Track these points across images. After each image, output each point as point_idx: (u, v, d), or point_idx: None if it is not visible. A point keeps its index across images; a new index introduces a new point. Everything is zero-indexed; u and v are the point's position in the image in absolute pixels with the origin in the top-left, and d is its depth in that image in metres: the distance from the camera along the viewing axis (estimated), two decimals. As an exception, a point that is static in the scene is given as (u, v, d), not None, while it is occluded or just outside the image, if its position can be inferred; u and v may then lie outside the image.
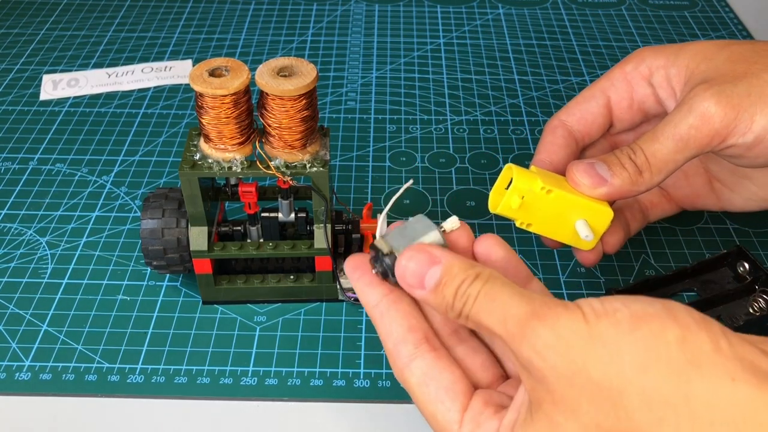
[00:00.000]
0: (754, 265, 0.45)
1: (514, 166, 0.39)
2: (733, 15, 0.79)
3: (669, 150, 0.37)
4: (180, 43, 0.74)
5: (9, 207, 0.54)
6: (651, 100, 0.42)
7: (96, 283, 0.48)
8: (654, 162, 0.38)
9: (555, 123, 0.43)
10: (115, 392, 0.41)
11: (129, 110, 0.64)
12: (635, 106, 0.43)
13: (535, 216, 0.40)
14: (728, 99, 0.36)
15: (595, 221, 0.40)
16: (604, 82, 0.43)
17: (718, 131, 0.37)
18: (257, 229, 0.45)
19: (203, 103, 0.39)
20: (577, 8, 0.81)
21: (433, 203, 0.54)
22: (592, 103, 0.43)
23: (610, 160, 0.39)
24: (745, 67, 0.38)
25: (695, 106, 0.37)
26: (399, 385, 0.42)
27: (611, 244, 0.42)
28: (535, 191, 0.38)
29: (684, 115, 0.37)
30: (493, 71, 0.70)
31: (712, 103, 0.36)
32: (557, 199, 0.39)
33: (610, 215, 0.39)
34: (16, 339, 0.44)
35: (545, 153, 0.42)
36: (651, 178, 0.38)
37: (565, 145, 0.42)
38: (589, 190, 0.39)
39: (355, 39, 0.75)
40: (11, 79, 0.68)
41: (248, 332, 0.45)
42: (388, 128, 0.62)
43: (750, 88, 0.37)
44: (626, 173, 0.38)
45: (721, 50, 0.40)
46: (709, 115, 0.36)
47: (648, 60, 0.42)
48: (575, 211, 0.39)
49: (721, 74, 0.38)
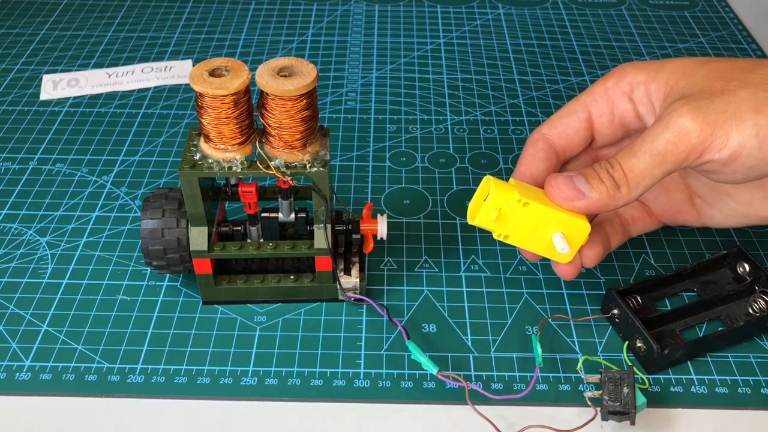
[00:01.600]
0: (754, 265, 0.45)
1: (492, 178, 0.39)
2: (733, 15, 0.79)
3: (646, 165, 0.38)
4: (180, 43, 0.74)
5: (9, 207, 0.54)
6: (631, 115, 0.43)
7: (96, 283, 0.48)
8: (631, 177, 0.38)
9: (536, 136, 0.44)
10: (115, 392, 0.41)
11: (129, 110, 0.64)
12: (616, 121, 0.43)
13: (512, 228, 0.40)
14: (705, 115, 0.37)
15: (572, 234, 0.40)
16: (585, 97, 0.44)
17: (694, 147, 0.37)
18: (257, 229, 0.45)
19: (203, 103, 0.39)
20: (577, 8, 0.81)
21: (433, 203, 0.54)
22: (573, 117, 0.43)
23: (588, 174, 0.39)
24: (723, 84, 0.38)
25: (672, 122, 0.37)
26: (399, 385, 0.42)
27: (590, 258, 0.42)
28: (512, 204, 0.39)
29: (661, 130, 0.37)
30: (493, 71, 0.70)
31: (689, 119, 0.37)
32: (534, 212, 0.39)
33: (588, 229, 0.40)
34: (16, 339, 0.44)
35: (526, 165, 0.43)
36: (629, 192, 0.38)
37: (546, 159, 0.43)
38: (567, 204, 0.39)
39: (355, 39, 0.75)
40: (11, 79, 0.68)
41: (248, 332, 0.45)
42: (388, 128, 0.62)
43: (726, 104, 0.37)
44: (604, 187, 0.38)
45: (701, 67, 0.40)
46: (686, 131, 0.37)
47: (629, 76, 0.42)
48: (552, 224, 0.39)
49: (699, 90, 0.38)
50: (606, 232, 0.44)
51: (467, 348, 0.44)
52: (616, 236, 0.45)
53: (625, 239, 0.46)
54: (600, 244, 0.43)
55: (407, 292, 0.47)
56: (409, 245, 0.51)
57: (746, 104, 0.37)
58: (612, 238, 0.44)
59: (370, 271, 0.49)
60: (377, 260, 0.50)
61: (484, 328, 0.45)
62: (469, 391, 0.40)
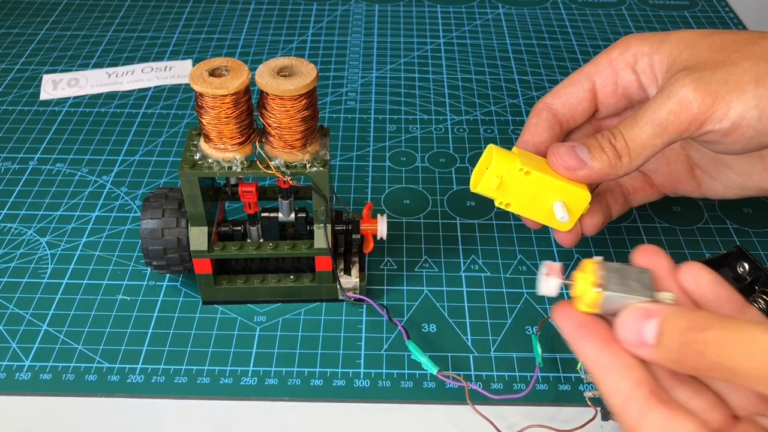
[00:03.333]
0: (754, 265, 0.45)
1: (495, 147, 0.40)
2: (733, 15, 0.79)
3: (648, 135, 0.38)
4: (180, 43, 0.74)
5: (9, 207, 0.54)
6: (634, 86, 0.43)
7: (96, 283, 0.48)
8: (633, 146, 0.38)
9: (540, 106, 0.44)
10: (115, 392, 0.41)
11: (129, 110, 0.64)
12: (619, 92, 0.44)
13: (513, 196, 0.40)
14: (707, 86, 0.37)
15: (572, 203, 0.40)
16: (590, 67, 0.44)
17: (696, 117, 0.37)
18: (257, 229, 0.45)
19: (203, 103, 0.39)
20: (577, 8, 0.81)
21: (433, 203, 0.54)
22: (577, 87, 0.44)
23: (590, 144, 0.39)
24: (725, 56, 0.38)
25: (674, 92, 0.37)
26: (399, 385, 0.42)
27: (590, 226, 0.43)
28: (514, 172, 0.39)
29: (663, 100, 0.38)
30: (493, 71, 0.70)
31: (690, 89, 0.37)
32: (535, 181, 0.39)
33: (588, 198, 0.40)
34: (16, 339, 0.44)
35: (529, 134, 0.43)
36: (630, 162, 0.38)
37: (549, 128, 0.43)
38: (569, 173, 0.39)
39: (355, 39, 0.75)
40: (11, 79, 0.68)
41: (248, 332, 0.45)
42: (388, 128, 0.62)
43: (728, 75, 0.37)
44: (606, 157, 0.39)
45: (704, 39, 0.40)
46: (688, 101, 0.37)
47: (633, 47, 0.43)
48: (553, 192, 0.40)
49: (702, 62, 0.38)
50: (607, 201, 0.45)
51: (467, 348, 0.44)
52: (617, 206, 0.45)
53: (626, 209, 0.46)
54: (600, 212, 0.43)
55: (407, 292, 0.47)
56: (409, 245, 0.51)
57: (748, 75, 0.37)
58: (613, 208, 0.45)
59: (370, 271, 0.49)
60: (377, 260, 0.50)
61: (484, 328, 0.45)
62: (469, 391, 0.40)
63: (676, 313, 0.29)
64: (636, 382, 0.30)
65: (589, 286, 0.30)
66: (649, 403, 0.29)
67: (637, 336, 0.29)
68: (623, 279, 0.31)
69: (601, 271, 0.31)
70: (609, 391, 0.30)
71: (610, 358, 0.30)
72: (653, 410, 0.29)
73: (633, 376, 0.30)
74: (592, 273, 0.31)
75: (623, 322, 0.30)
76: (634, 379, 0.30)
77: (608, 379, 0.30)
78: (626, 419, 0.30)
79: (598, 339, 0.31)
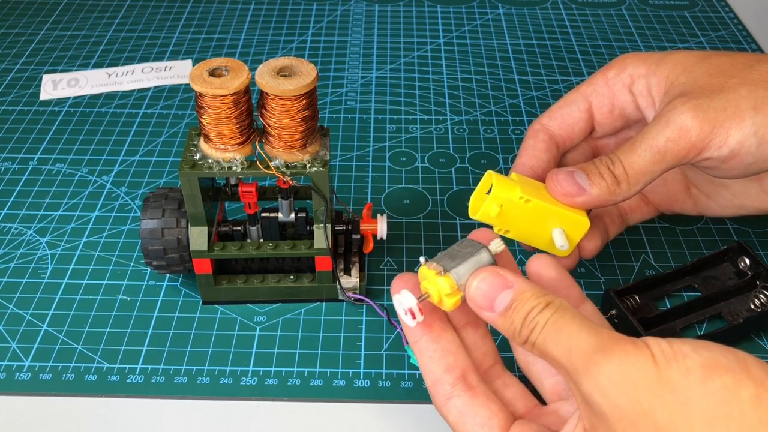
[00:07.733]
0: (754, 260, 0.45)
1: (495, 173, 0.40)
2: (733, 15, 0.79)
3: (646, 161, 0.38)
4: (180, 43, 0.74)
5: (9, 207, 0.54)
6: (631, 107, 0.43)
7: (96, 283, 0.48)
8: (632, 173, 0.38)
9: (537, 127, 0.44)
10: (115, 392, 0.41)
11: (129, 110, 0.64)
12: (616, 112, 0.43)
13: (513, 223, 0.40)
14: (705, 113, 0.37)
15: (571, 230, 0.40)
16: (586, 87, 0.44)
17: (694, 144, 0.37)
18: (257, 229, 0.45)
19: (203, 103, 0.39)
20: (577, 8, 0.81)
21: (433, 203, 0.54)
22: (573, 107, 0.44)
23: (589, 170, 0.39)
24: (723, 81, 0.38)
25: (673, 119, 0.37)
26: (399, 385, 0.42)
27: (588, 250, 0.43)
28: (514, 200, 0.39)
29: (662, 127, 0.38)
30: (493, 71, 0.70)
31: (689, 117, 0.37)
32: (535, 209, 0.39)
33: (587, 225, 0.40)
34: (16, 339, 0.44)
35: (527, 157, 0.43)
36: (629, 188, 0.38)
37: (546, 150, 0.43)
38: (568, 199, 0.39)
39: (355, 39, 0.75)
40: (11, 79, 0.68)
41: (248, 332, 0.45)
42: (388, 128, 0.62)
43: (726, 102, 0.37)
44: (604, 183, 0.38)
45: (701, 62, 0.40)
46: (686, 129, 0.37)
47: (630, 68, 0.42)
48: (552, 219, 0.40)
49: (699, 87, 0.38)
50: (604, 223, 0.45)
51: (467, 348, 0.44)
52: (614, 226, 0.45)
53: (623, 228, 0.47)
54: (598, 236, 0.43)
55: (407, 292, 0.47)
56: (409, 245, 0.51)
57: (746, 102, 0.37)
58: (610, 229, 0.45)
59: (370, 271, 0.49)
60: (377, 260, 0.50)
61: (484, 328, 0.45)
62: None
63: (529, 290, 0.31)
64: (446, 368, 0.33)
65: (436, 280, 0.32)
66: (454, 388, 0.33)
67: (488, 301, 0.31)
68: (453, 256, 0.33)
69: (432, 264, 0.33)
70: (423, 374, 0.34)
71: (428, 343, 0.33)
72: (458, 396, 0.33)
73: (445, 362, 0.33)
74: (428, 272, 0.33)
75: (478, 286, 0.32)
76: (445, 365, 0.33)
77: (423, 362, 0.34)
78: (434, 402, 0.33)
79: (424, 323, 0.33)
